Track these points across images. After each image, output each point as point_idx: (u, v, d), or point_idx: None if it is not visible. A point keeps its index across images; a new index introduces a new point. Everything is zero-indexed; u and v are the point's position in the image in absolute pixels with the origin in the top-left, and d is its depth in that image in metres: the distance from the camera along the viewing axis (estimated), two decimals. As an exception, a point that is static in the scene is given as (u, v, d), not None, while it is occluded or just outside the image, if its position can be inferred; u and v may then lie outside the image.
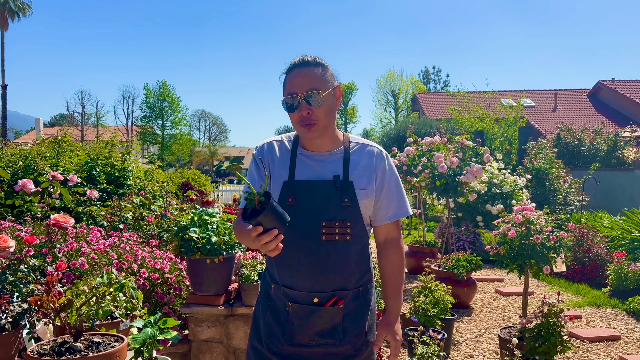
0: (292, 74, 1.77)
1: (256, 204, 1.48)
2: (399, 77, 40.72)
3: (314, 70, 1.76)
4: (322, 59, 1.82)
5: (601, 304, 6.12)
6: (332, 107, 1.80)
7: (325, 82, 1.77)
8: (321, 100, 1.74)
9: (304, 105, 1.73)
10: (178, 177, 13.42)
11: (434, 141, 6.58)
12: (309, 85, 1.73)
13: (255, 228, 1.46)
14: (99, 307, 1.55)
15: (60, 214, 2.07)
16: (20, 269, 1.72)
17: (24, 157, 5.28)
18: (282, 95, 1.80)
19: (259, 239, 1.47)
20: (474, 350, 4.59)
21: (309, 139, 1.80)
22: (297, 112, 1.75)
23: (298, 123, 1.77)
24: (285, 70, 1.81)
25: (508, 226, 4.28)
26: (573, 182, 10.53)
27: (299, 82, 1.74)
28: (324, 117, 1.76)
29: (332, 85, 1.80)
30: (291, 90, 1.75)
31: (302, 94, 1.72)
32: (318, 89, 1.73)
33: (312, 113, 1.74)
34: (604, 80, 27.17)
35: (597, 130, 16.20)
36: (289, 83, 1.77)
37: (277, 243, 1.48)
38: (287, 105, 1.77)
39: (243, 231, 1.75)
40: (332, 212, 1.75)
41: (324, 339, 1.80)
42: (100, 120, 38.76)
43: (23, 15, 38.17)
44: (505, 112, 19.54)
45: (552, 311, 3.49)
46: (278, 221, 1.46)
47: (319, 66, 1.78)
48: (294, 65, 1.79)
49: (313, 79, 1.74)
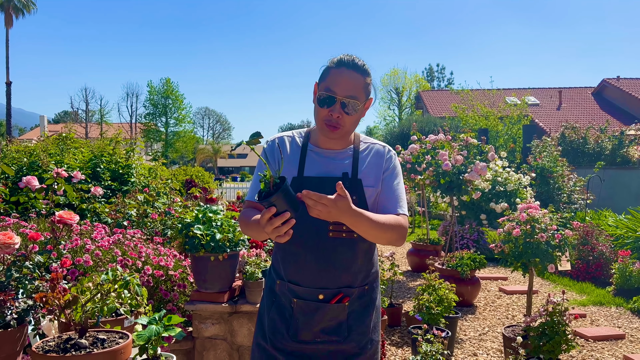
0: (339, 71, 1.73)
1: (271, 185, 1.46)
2: (403, 74, 40.59)
3: (360, 78, 1.74)
4: (369, 67, 1.79)
5: (605, 302, 6.10)
6: (359, 117, 1.80)
7: (365, 93, 1.76)
8: (355, 110, 1.73)
9: (338, 109, 1.71)
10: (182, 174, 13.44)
11: (438, 139, 6.57)
12: (351, 92, 1.71)
13: (269, 209, 1.44)
14: (104, 304, 1.55)
15: (65, 211, 2.07)
16: (26, 265, 1.72)
17: (29, 153, 5.29)
18: (318, 82, 1.77)
19: (271, 222, 1.45)
20: (477, 349, 4.59)
21: (329, 138, 1.80)
22: (327, 111, 1.72)
23: (324, 120, 1.75)
24: (332, 61, 1.78)
25: (513, 224, 4.27)
26: (577, 181, 10.49)
27: (342, 83, 1.71)
28: (350, 125, 1.76)
29: (368, 97, 1.79)
30: (332, 88, 1.72)
31: (342, 97, 1.71)
32: (357, 98, 1.72)
33: (341, 118, 1.73)
34: (609, 78, 27.03)
35: (602, 128, 16.12)
36: (332, 79, 1.73)
37: (288, 228, 1.46)
38: (321, 99, 1.74)
39: (250, 222, 1.75)
40: None
41: (328, 336, 1.80)
42: (104, 117, 38.85)
43: (27, 12, 38.18)
44: (509, 110, 19.47)
45: (557, 310, 3.48)
46: (290, 205, 1.45)
47: (366, 75, 1.76)
48: (343, 63, 1.75)
49: (356, 87, 1.73)
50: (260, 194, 1.49)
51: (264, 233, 1.53)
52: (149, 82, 41.78)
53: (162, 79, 42.19)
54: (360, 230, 1.62)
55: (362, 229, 1.61)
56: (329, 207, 1.48)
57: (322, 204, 1.47)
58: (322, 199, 1.46)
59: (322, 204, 1.47)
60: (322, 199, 1.46)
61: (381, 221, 1.66)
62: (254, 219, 1.72)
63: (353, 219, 1.56)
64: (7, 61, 36.42)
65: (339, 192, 1.49)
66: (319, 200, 1.46)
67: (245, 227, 1.82)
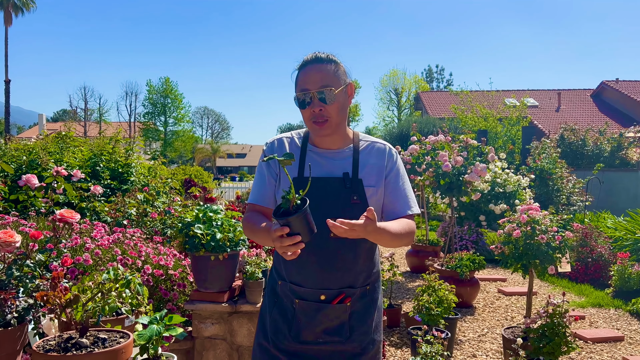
0: (305, 70, 1.77)
1: (291, 205, 1.48)
2: (402, 75, 40.60)
3: (327, 67, 1.76)
4: (334, 55, 1.81)
5: (604, 304, 6.10)
6: (344, 105, 1.79)
7: (338, 79, 1.76)
8: (333, 97, 1.73)
9: (316, 102, 1.73)
10: (181, 173, 13.44)
11: (438, 140, 6.56)
12: (321, 82, 1.73)
13: (282, 228, 1.46)
14: (106, 303, 1.54)
15: (65, 209, 2.06)
16: (26, 264, 1.71)
17: (28, 152, 5.27)
18: (294, 92, 1.79)
19: (281, 240, 1.47)
20: (477, 350, 4.58)
21: (321, 136, 1.80)
22: (309, 109, 1.74)
23: (310, 120, 1.76)
24: (297, 66, 1.81)
25: (513, 226, 4.27)
26: (576, 182, 10.50)
27: (311, 79, 1.74)
28: (336, 115, 1.76)
29: (345, 82, 1.79)
30: (303, 86, 1.74)
31: (315, 91, 1.72)
32: (331, 85, 1.73)
33: (324, 110, 1.73)
34: (608, 81, 27.08)
35: (601, 130, 16.14)
36: (302, 79, 1.76)
37: (296, 249, 1.48)
38: (299, 101, 1.76)
39: (258, 229, 1.75)
40: (341, 210, 1.74)
41: (330, 337, 1.79)
42: (103, 116, 38.80)
43: (27, 11, 38.16)
44: (508, 111, 19.46)
45: (557, 311, 3.48)
46: (306, 228, 1.47)
47: (332, 63, 1.78)
48: (307, 61, 1.78)
49: (326, 76, 1.74)
50: (278, 209, 1.51)
51: (271, 242, 1.55)
52: (148, 81, 41.76)
53: (161, 78, 42.21)
54: (380, 243, 1.67)
55: (383, 242, 1.66)
56: (358, 232, 1.49)
57: (352, 230, 1.48)
58: (354, 226, 1.48)
59: (353, 230, 1.48)
60: (354, 227, 1.48)
61: (398, 231, 1.70)
62: (263, 226, 1.73)
63: (377, 236, 1.59)
64: (6, 59, 36.38)
65: (369, 216, 1.50)
66: (351, 228, 1.48)
67: (250, 232, 1.82)
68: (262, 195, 1.86)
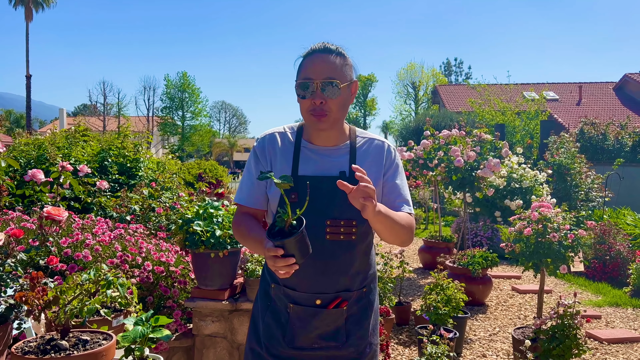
0: (311, 58, 1.66)
1: (286, 226, 1.41)
2: (420, 69, 40.23)
3: (335, 59, 1.66)
4: (344, 49, 1.71)
5: (622, 304, 5.94)
6: (346, 101, 1.70)
7: (344, 74, 1.67)
8: (337, 92, 1.64)
9: (319, 94, 1.63)
10: (195, 168, 13.47)
11: (451, 134, 6.43)
12: (327, 74, 1.63)
13: (276, 249, 1.39)
14: (84, 305, 1.50)
15: (53, 207, 2.03)
16: (7, 263, 1.67)
17: (37, 146, 5.29)
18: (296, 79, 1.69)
19: (275, 260, 1.40)
20: (487, 350, 4.48)
21: (318, 130, 1.70)
22: (310, 100, 1.64)
23: (309, 111, 1.66)
24: (303, 53, 1.70)
25: (524, 223, 4.15)
26: (596, 178, 10.24)
27: (317, 68, 1.63)
28: (336, 110, 1.66)
29: (350, 79, 1.70)
30: (308, 75, 1.64)
31: (319, 81, 1.62)
32: (336, 79, 1.63)
33: (325, 103, 1.64)
34: (631, 73, 26.40)
35: (623, 124, 15.77)
36: (306, 67, 1.66)
37: (290, 270, 1.42)
38: (300, 90, 1.66)
39: (249, 236, 1.68)
40: (338, 211, 1.66)
41: (326, 342, 1.72)
42: (122, 110, 39.09)
43: (47, 6, 38.65)
44: (527, 105, 19.11)
45: (568, 313, 3.36)
46: (300, 251, 1.40)
47: (340, 56, 1.68)
48: (314, 50, 1.68)
49: (332, 68, 1.64)
50: (273, 227, 1.45)
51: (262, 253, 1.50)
52: (166, 75, 42.05)
53: (178, 73, 42.35)
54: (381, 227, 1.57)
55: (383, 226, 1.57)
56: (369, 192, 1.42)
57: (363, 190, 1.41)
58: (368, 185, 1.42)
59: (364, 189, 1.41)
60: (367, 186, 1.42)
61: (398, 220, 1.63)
62: (255, 235, 1.66)
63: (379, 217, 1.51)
64: (27, 55, 36.92)
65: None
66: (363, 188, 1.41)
67: (241, 238, 1.75)
68: (251, 196, 1.78)
